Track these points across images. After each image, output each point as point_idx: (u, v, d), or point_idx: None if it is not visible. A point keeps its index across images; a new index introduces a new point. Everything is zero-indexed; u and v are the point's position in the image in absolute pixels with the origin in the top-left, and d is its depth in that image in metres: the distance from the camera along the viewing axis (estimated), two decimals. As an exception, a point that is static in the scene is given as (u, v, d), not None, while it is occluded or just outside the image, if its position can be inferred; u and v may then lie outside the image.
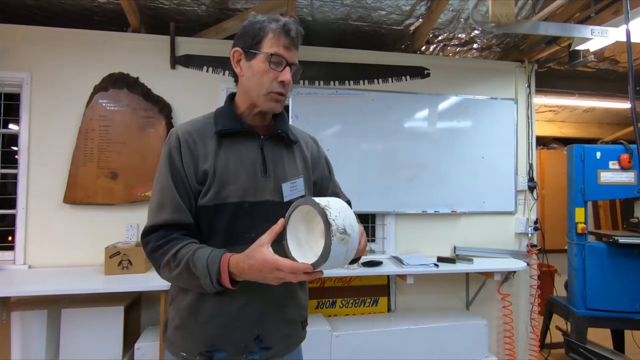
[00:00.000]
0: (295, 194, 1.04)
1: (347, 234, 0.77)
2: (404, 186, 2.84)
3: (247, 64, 1.01)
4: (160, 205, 0.96)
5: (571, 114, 4.72)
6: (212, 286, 0.89)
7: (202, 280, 0.89)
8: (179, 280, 0.95)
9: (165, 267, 0.94)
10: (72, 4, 2.46)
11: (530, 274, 3.01)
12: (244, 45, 1.00)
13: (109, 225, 2.43)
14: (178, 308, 1.00)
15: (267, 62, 0.97)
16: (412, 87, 2.92)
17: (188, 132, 1.01)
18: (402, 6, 2.57)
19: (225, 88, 2.65)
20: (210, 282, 0.88)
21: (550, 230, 3.57)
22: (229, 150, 1.00)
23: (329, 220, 0.75)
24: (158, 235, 0.95)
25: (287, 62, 0.99)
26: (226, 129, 1.01)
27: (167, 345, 1.03)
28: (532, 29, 2.21)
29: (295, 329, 1.08)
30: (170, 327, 1.02)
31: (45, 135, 2.41)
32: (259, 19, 1.00)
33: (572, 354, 2.13)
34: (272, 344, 1.01)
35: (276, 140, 1.07)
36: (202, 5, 2.52)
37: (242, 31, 1.02)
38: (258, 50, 0.98)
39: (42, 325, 2.08)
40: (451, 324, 2.59)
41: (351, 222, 0.79)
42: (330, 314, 2.73)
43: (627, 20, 1.15)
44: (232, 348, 0.97)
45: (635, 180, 2.64)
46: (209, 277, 0.88)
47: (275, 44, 0.97)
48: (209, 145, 1.00)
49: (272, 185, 1.02)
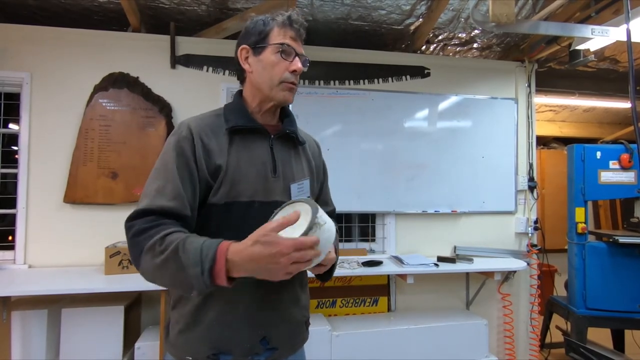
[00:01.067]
0: (302, 194, 1.04)
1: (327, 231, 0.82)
2: (404, 186, 2.84)
3: (255, 59, 1.00)
4: (161, 191, 0.88)
5: (571, 114, 4.72)
6: (200, 280, 0.76)
7: (190, 272, 0.77)
8: (160, 271, 0.82)
9: (148, 252, 0.82)
10: (72, 4, 2.46)
11: (531, 274, 3.01)
12: (250, 42, 1.00)
13: (109, 225, 2.43)
14: (182, 312, 0.97)
15: (278, 53, 0.98)
16: (412, 86, 2.92)
17: (200, 125, 0.98)
18: (403, 6, 2.57)
19: (225, 88, 2.65)
20: (200, 275, 0.76)
21: (550, 230, 3.57)
22: (240, 148, 0.99)
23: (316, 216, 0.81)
24: (146, 219, 0.85)
25: (296, 52, 0.99)
26: (238, 125, 0.99)
27: (170, 349, 1.00)
28: (533, 29, 2.20)
29: (300, 330, 1.07)
30: (173, 331, 0.99)
31: (46, 135, 2.41)
32: (262, 17, 1.01)
33: (572, 354, 2.13)
34: (278, 344, 1.00)
35: (285, 140, 1.07)
36: (202, 5, 2.51)
37: (245, 30, 1.02)
38: (266, 44, 0.98)
39: (43, 325, 2.08)
40: (451, 323, 2.59)
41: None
42: (330, 313, 2.73)
43: (627, 19, 1.15)
44: (238, 350, 0.96)
45: (635, 180, 2.64)
46: (199, 267, 0.76)
47: (282, 35, 0.98)
48: (221, 141, 0.97)
49: (282, 185, 1.01)
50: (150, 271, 0.84)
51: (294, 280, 1.05)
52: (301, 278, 1.09)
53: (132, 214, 0.87)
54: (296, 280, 1.06)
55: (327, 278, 1.10)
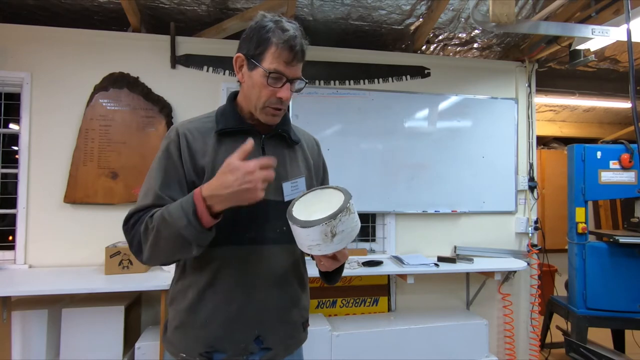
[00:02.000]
0: (296, 193, 1.03)
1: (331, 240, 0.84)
2: (404, 186, 2.84)
3: (248, 74, 0.99)
4: (147, 192, 0.96)
5: (572, 114, 4.72)
6: (192, 228, 0.83)
7: (179, 225, 0.83)
8: (159, 244, 0.88)
9: (144, 234, 0.89)
10: (72, 4, 2.46)
11: (531, 274, 3.01)
12: (247, 52, 0.98)
13: (109, 225, 2.43)
14: (178, 309, 0.99)
15: (266, 78, 0.95)
16: (412, 86, 2.91)
17: (188, 128, 1.01)
18: (403, 6, 2.57)
19: (225, 87, 2.65)
20: (189, 223, 0.82)
21: (550, 230, 3.57)
22: (229, 148, 0.98)
23: (337, 216, 0.83)
24: (135, 216, 0.93)
25: (287, 79, 0.97)
26: (227, 127, 1.01)
27: (167, 346, 1.02)
28: (533, 29, 2.20)
29: (296, 330, 1.07)
30: (170, 327, 1.01)
31: (46, 135, 2.41)
32: (266, 23, 0.96)
33: (573, 354, 2.13)
34: (272, 344, 1.00)
35: (277, 139, 1.07)
36: (202, 5, 2.51)
37: (248, 34, 0.99)
38: (259, 64, 0.96)
39: (43, 325, 2.08)
40: (451, 323, 2.59)
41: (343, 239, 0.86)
42: (330, 313, 2.73)
43: (627, 19, 1.15)
44: (232, 349, 0.96)
45: (635, 180, 2.64)
46: (185, 217, 0.82)
47: (277, 59, 0.94)
48: (208, 142, 1.00)
49: (273, 184, 0.99)
50: (152, 250, 0.89)
51: (294, 280, 1.05)
52: (301, 277, 1.09)
53: (125, 217, 0.95)
54: (296, 280, 1.06)
55: (335, 279, 1.09)
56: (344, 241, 0.85)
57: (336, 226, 0.83)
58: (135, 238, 0.91)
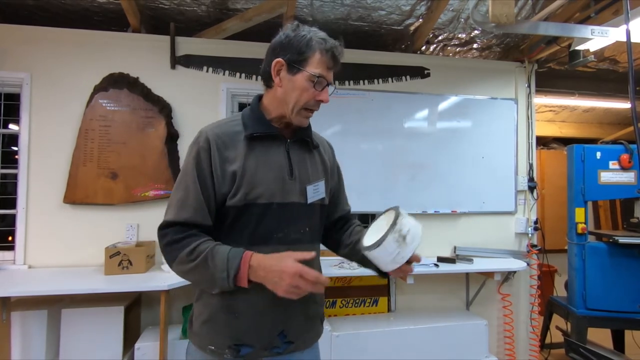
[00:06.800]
0: (318, 195, 1.10)
1: (405, 241, 0.92)
2: (404, 186, 2.84)
3: (288, 77, 1.02)
4: (183, 202, 0.99)
5: (571, 114, 4.72)
6: (226, 282, 0.91)
7: (217, 274, 0.91)
8: (190, 274, 0.97)
9: (180, 260, 0.96)
10: (72, 4, 2.46)
11: (531, 274, 3.01)
12: (288, 58, 1.01)
13: (109, 225, 2.43)
14: (207, 303, 1.03)
15: (311, 82, 1.01)
16: (412, 87, 2.92)
17: (217, 133, 1.03)
18: (402, 6, 2.57)
19: (225, 88, 2.65)
20: (226, 277, 0.91)
21: (550, 230, 3.57)
22: (258, 153, 1.04)
23: (397, 221, 0.92)
24: (176, 229, 0.98)
25: (327, 83, 1.03)
26: (256, 132, 1.04)
27: (194, 339, 1.06)
28: (532, 29, 2.21)
29: (315, 324, 1.14)
30: (197, 322, 1.05)
31: (46, 135, 2.41)
32: (304, 33, 1.02)
33: (572, 354, 2.13)
34: (294, 338, 1.05)
35: (300, 144, 1.12)
36: (202, 5, 2.52)
37: (285, 41, 1.03)
38: (304, 68, 1.01)
39: (42, 325, 2.08)
40: (451, 324, 2.59)
41: (414, 237, 0.94)
42: (330, 314, 2.73)
43: (627, 20, 1.15)
44: (259, 343, 1.01)
45: (635, 180, 2.64)
46: (226, 271, 0.91)
47: (322, 64, 1.01)
48: (238, 147, 1.03)
49: (298, 187, 1.06)
50: (181, 273, 0.99)
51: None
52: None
53: (162, 223, 1.00)
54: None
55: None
56: (415, 238, 0.93)
57: (401, 228, 0.92)
58: (171, 255, 0.98)
